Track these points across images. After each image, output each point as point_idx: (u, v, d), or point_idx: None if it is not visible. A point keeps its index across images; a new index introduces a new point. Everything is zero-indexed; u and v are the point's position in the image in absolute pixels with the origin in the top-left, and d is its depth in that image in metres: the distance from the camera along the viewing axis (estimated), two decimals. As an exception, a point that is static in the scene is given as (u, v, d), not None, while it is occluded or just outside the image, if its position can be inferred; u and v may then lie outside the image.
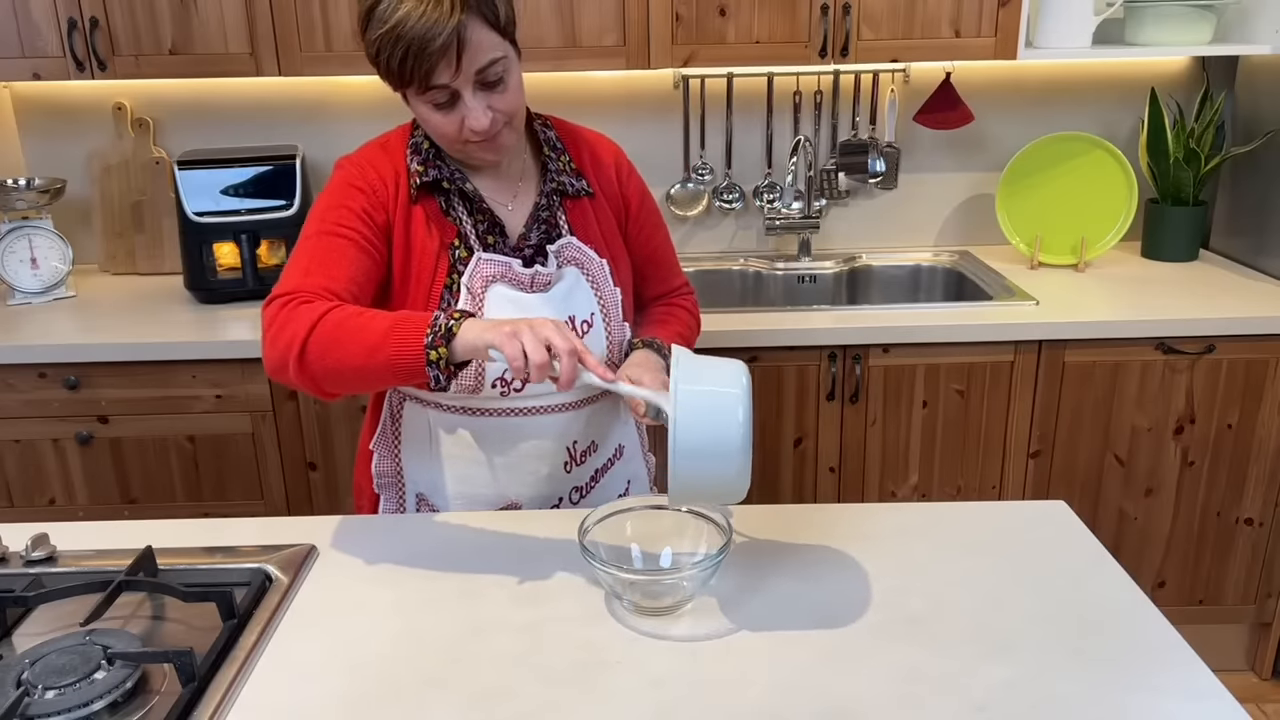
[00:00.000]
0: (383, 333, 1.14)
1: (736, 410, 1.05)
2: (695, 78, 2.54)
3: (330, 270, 1.25)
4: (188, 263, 2.35)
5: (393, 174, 1.34)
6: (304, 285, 1.23)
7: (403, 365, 1.13)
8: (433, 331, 1.12)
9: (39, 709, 0.96)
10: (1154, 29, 2.36)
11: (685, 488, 1.07)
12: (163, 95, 2.56)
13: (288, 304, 1.21)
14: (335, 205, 1.31)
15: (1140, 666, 1.03)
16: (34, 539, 1.26)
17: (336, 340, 1.15)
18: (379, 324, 1.15)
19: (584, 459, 1.45)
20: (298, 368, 1.17)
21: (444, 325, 1.12)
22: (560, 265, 1.39)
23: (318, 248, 1.27)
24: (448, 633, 1.11)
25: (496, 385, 1.35)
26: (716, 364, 1.11)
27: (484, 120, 1.25)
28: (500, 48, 1.25)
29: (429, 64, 1.20)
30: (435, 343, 1.11)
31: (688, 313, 1.57)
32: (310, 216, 1.32)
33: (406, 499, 1.46)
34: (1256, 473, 2.25)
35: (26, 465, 2.20)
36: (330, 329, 1.16)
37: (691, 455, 1.05)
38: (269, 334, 1.20)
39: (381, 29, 1.20)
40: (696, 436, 1.05)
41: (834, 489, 2.26)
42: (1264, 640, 2.39)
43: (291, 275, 1.25)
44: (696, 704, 0.99)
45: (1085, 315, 2.15)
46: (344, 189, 1.32)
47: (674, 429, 1.04)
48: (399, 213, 1.33)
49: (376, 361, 1.14)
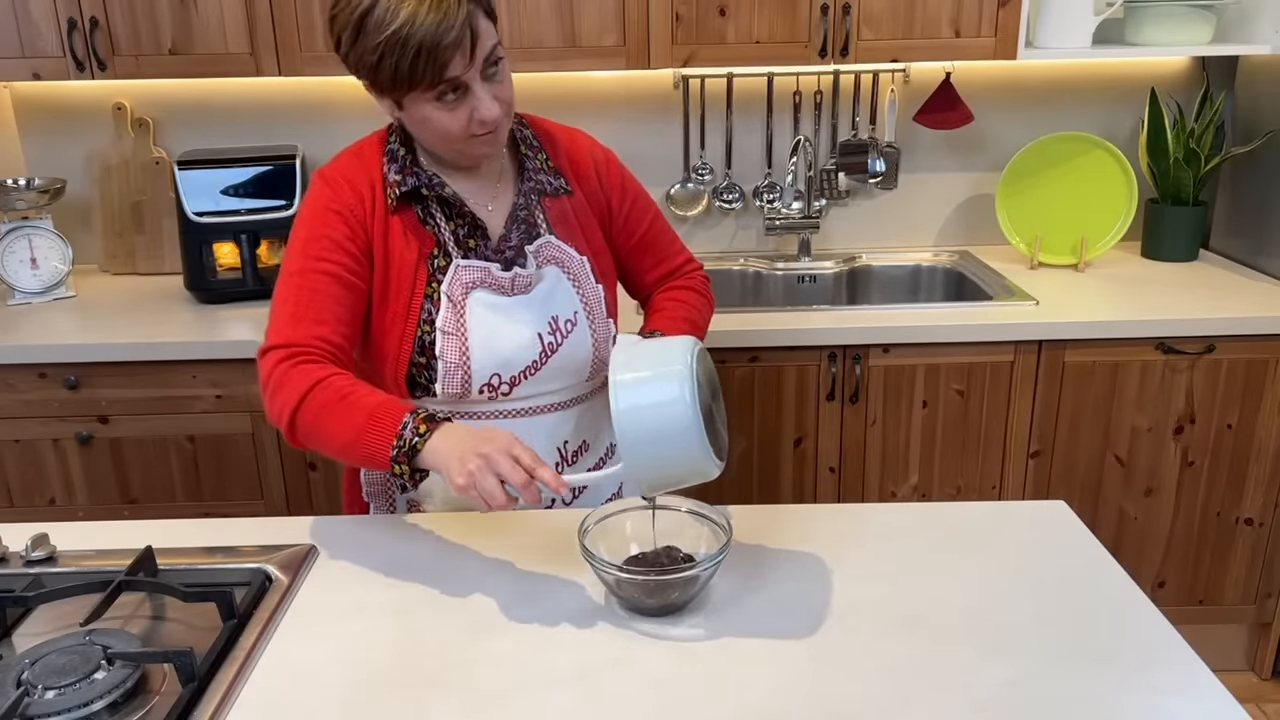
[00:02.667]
0: (357, 432, 1.19)
1: (676, 389, 1.05)
2: (695, 78, 2.54)
3: (318, 314, 1.28)
4: (188, 263, 2.35)
5: (369, 187, 1.33)
6: (295, 336, 1.26)
7: (373, 467, 1.21)
8: (398, 446, 1.16)
9: (39, 709, 0.96)
10: (1154, 29, 2.36)
11: (646, 475, 1.08)
12: (163, 95, 2.56)
13: (281, 361, 1.25)
14: (316, 236, 1.31)
15: (1140, 666, 1.03)
16: (34, 539, 1.26)
17: (319, 424, 1.22)
18: (357, 419, 1.19)
19: (575, 459, 1.45)
20: (289, 437, 1.25)
21: (409, 441, 1.16)
22: (540, 265, 1.38)
23: (303, 288, 1.29)
24: (447, 632, 1.11)
25: (484, 391, 1.35)
26: (658, 346, 1.11)
27: (495, 109, 1.26)
28: (495, 34, 1.26)
29: (444, 58, 1.19)
30: (399, 458, 1.17)
31: (695, 293, 1.52)
32: (291, 246, 1.32)
33: (397, 507, 1.46)
34: (1256, 473, 2.25)
35: (26, 465, 2.20)
36: (314, 411, 1.21)
37: (639, 444, 1.06)
38: (266, 391, 1.26)
39: (385, 33, 1.18)
40: (639, 424, 1.05)
41: (834, 489, 2.26)
42: (1264, 640, 2.39)
43: (280, 321, 1.28)
44: (696, 704, 0.99)
45: (1085, 315, 2.15)
46: (322, 215, 1.31)
47: (615, 421, 1.05)
48: (377, 228, 1.33)
49: (352, 456, 1.22)
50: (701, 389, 1.09)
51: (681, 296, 1.50)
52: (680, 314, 1.46)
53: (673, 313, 1.46)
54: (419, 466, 1.17)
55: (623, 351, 1.12)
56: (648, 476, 1.09)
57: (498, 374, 1.35)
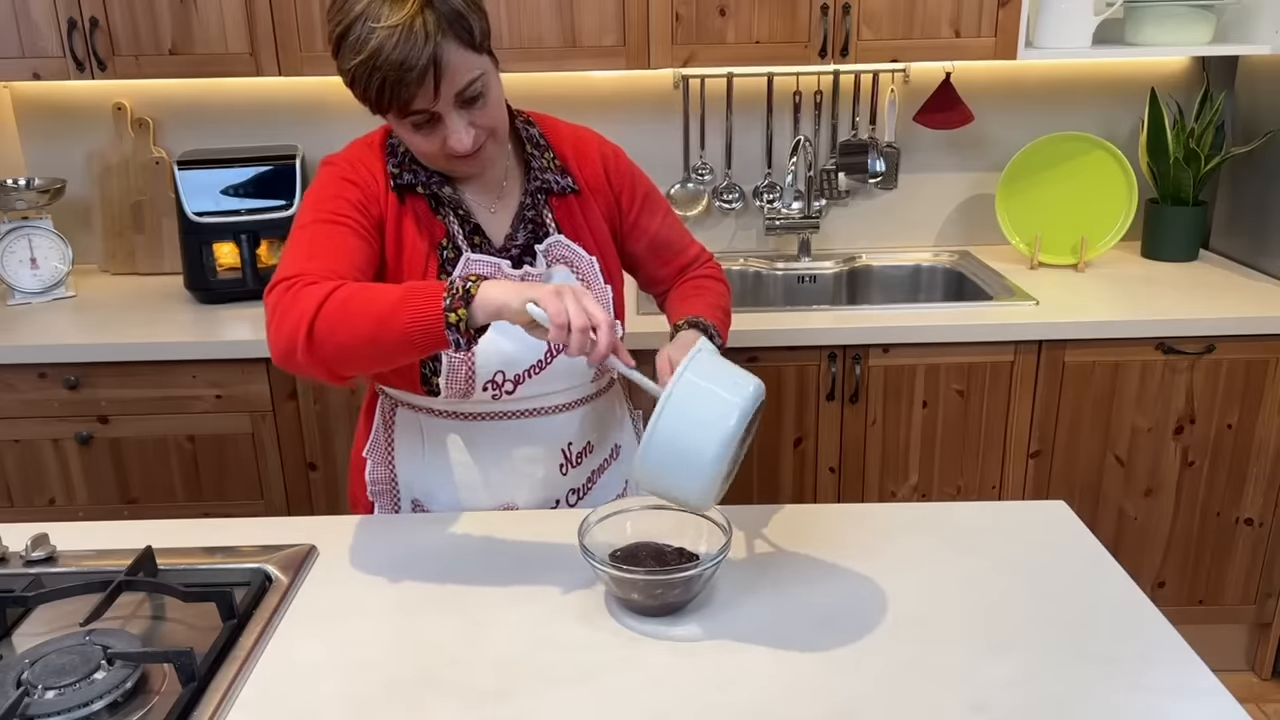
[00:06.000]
0: (396, 302, 1.08)
1: (730, 416, 1.03)
2: (695, 78, 2.54)
3: (334, 254, 1.21)
4: (188, 263, 2.35)
5: (382, 172, 1.33)
6: (308, 269, 1.17)
7: (419, 331, 1.06)
8: (450, 294, 1.06)
9: (39, 709, 0.96)
10: (1154, 29, 2.36)
11: (652, 474, 1.06)
12: (163, 95, 2.56)
13: (292, 287, 1.15)
14: (331, 196, 1.28)
15: (1140, 666, 1.03)
16: (34, 539, 1.26)
17: (346, 315, 1.09)
18: (390, 294, 1.09)
19: (580, 461, 1.44)
20: (306, 348, 1.11)
21: (461, 287, 1.07)
22: (549, 264, 1.38)
23: (318, 234, 1.24)
24: (448, 632, 1.11)
25: (488, 389, 1.35)
26: (734, 371, 1.09)
27: (466, 140, 1.23)
28: (478, 65, 1.22)
29: (407, 92, 1.17)
30: (454, 305, 1.06)
31: (715, 281, 1.51)
32: (303, 208, 1.28)
33: (401, 506, 1.46)
34: (1256, 473, 2.25)
35: (26, 465, 2.20)
36: (339, 304, 1.10)
37: (668, 443, 1.04)
38: (274, 319, 1.15)
39: (356, 59, 1.16)
40: (679, 426, 1.03)
41: (834, 489, 2.26)
42: (1264, 640, 2.39)
43: (294, 260, 1.20)
44: (696, 704, 0.99)
45: (1085, 315, 2.15)
46: (337, 182, 1.30)
47: (661, 409, 1.03)
48: (390, 209, 1.31)
49: (391, 331, 1.08)
50: (746, 431, 1.08)
51: (706, 286, 1.49)
52: (708, 301, 1.44)
53: (704, 299, 1.44)
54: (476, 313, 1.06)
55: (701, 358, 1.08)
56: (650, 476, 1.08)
57: (501, 372, 1.34)
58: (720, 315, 1.42)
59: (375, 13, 1.15)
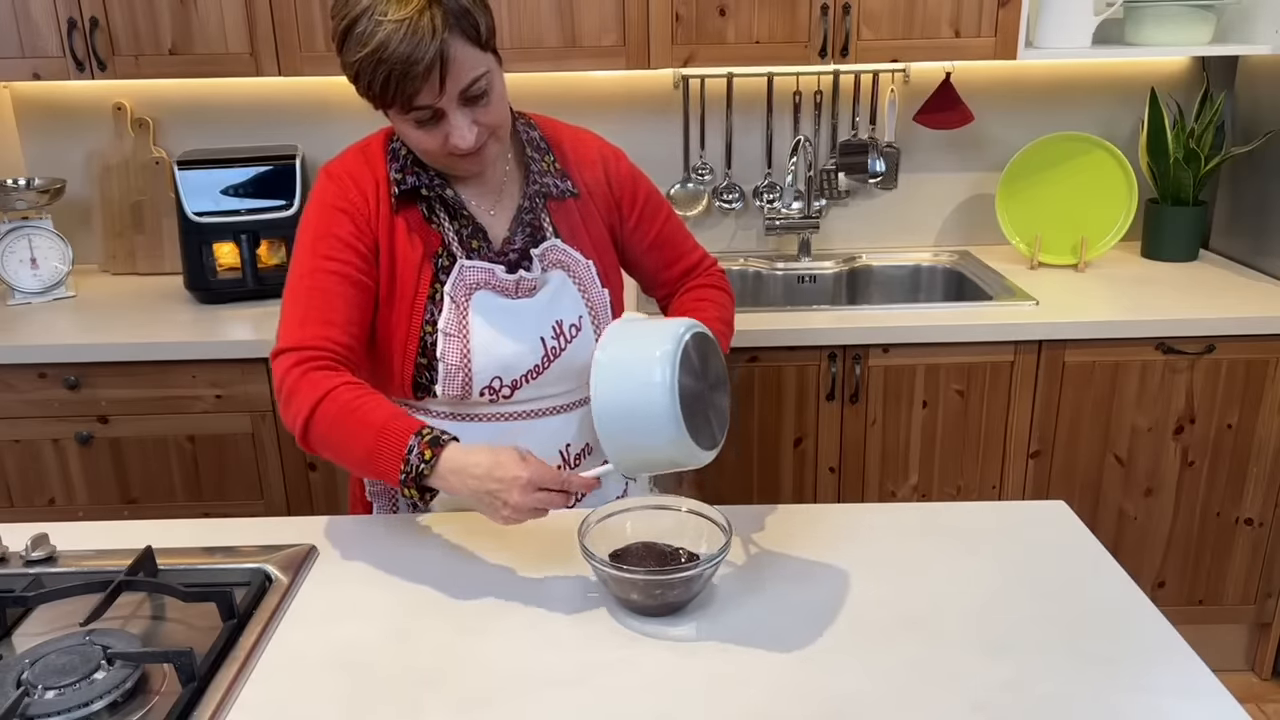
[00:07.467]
0: (366, 453, 1.18)
1: (653, 372, 1.06)
2: (695, 78, 2.54)
3: (327, 314, 1.27)
4: (188, 263, 2.35)
5: (374, 185, 1.33)
6: (304, 338, 1.26)
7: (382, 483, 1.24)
8: (405, 473, 1.16)
9: (39, 709, 0.96)
10: (1154, 29, 2.36)
11: (620, 455, 1.10)
12: (163, 95, 2.56)
13: (293, 367, 1.24)
14: (323, 234, 1.30)
15: (1140, 666, 1.03)
16: (34, 539, 1.26)
17: (330, 440, 1.22)
18: (365, 439, 1.18)
19: (578, 462, 1.44)
20: (304, 446, 1.25)
21: (415, 468, 1.15)
22: (545, 269, 1.37)
23: (313, 289, 1.29)
24: (447, 632, 1.11)
25: (484, 394, 1.35)
26: (651, 327, 1.12)
27: (469, 137, 1.24)
28: (483, 63, 1.22)
29: (412, 87, 1.18)
30: (408, 482, 1.16)
31: (718, 291, 1.51)
32: (299, 244, 1.32)
33: (400, 507, 1.46)
34: (1256, 473, 2.25)
35: (26, 465, 2.20)
36: (325, 426, 1.21)
37: (611, 418, 1.07)
38: (280, 397, 1.26)
39: (361, 52, 1.17)
40: (612, 400, 1.07)
41: (834, 489, 2.26)
42: (1264, 640, 2.39)
43: (290, 323, 1.28)
44: (696, 704, 0.99)
45: (1085, 315, 2.15)
46: (330, 214, 1.31)
47: (592, 394, 1.08)
48: (383, 226, 1.32)
49: (367, 475, 1.24)
50: (692, 375, 1.09)
51: (708, 296, 1.49)
52: (709, 314, 1.44)
53: (704, 314, 1.44)
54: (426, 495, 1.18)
55: (617, 327, 1.13)
56: (622, 456, 1.11)
57: (499, 377, 1.34)
58: (722, 327, 1.43)
59: (382, 7, 1.16)
